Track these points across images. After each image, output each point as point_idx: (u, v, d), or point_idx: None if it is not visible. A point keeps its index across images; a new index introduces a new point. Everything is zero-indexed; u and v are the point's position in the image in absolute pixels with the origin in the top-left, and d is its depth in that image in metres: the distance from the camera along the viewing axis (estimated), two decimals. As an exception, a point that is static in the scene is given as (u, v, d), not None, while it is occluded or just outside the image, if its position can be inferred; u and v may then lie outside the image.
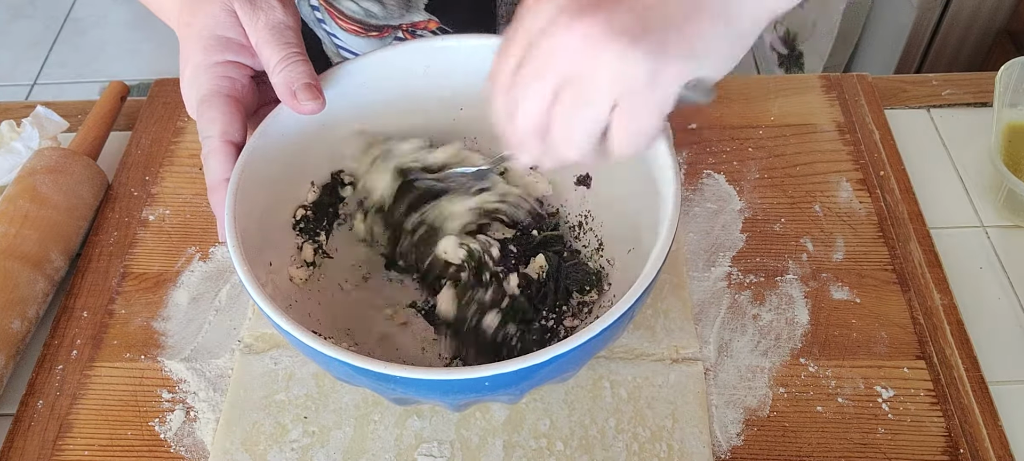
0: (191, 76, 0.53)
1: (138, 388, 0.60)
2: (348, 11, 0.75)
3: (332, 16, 0.77)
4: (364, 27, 0.75)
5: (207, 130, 0.51)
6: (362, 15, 0.74)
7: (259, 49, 0.53)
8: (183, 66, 0.53)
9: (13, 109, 0.81)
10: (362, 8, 0.73)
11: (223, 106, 0.52)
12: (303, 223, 0.59)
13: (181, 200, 0.72)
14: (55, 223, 0.66)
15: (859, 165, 0.72)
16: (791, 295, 0.64)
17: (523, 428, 0.57)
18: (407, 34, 0.75)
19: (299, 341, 0.45)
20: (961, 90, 0.79)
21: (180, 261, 0.68)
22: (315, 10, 0.78)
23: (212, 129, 0.51)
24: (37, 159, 0.70)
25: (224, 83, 0.52)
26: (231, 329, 0.63)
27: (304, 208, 0.60)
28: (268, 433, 0.57)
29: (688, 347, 0.60)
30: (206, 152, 0.52)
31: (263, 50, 0.52)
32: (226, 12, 0.52)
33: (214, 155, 0.51)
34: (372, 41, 0.77)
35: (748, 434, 0.57)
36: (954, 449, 0.55)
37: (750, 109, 0.78)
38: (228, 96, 0.52)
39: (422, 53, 0.59)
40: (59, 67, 2.38)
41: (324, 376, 0.59)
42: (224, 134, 0.51)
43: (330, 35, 0.79)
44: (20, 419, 0.59)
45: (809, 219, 0.69)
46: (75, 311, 0.65)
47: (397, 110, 0.61)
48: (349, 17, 0.75)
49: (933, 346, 0.60)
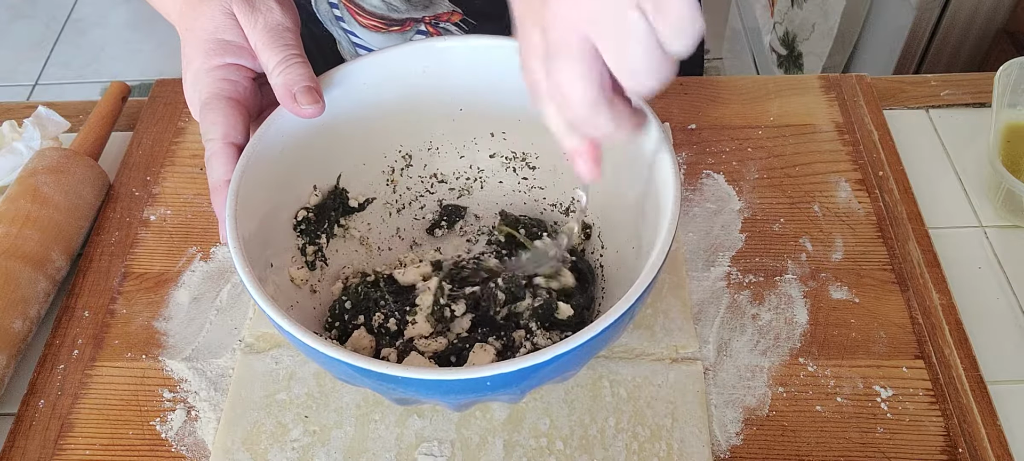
0: (193, 80, 0.53)
1: (139, 387, 0.60)
2: (370, 7, 0.74)
3: (352, 13, 0.76)
4: (386, 22, 0.75)
5: (209, 133, 0.52)
6: (384, 10, 0.74)
7: (258, 52, 0.53)
8: (185, 69, 0.54)
9: (15, 109, 0.81)
10: (385, 3, 0.73)
11: (224, 109, 0.52)
12: (304, 225, 0.59)
13: (182, 200, 0.72)
14: (56, 223, 0.66)
15: (858, 165, 0.73)
16: (790, 295, 0.64)
17: (523, 427, 0.57)
18: (430, 27, 0.75)
19: (300, 341, 0.45)
20: (960, 90, 0.79)
21: (181, 261, 0.68)
22: (334, 8, 0.78)
23: (214, 132, 0.52)
24: (38, 159, 0.70)
25: (225, 86, 0.53)
26: (232, 329, 0.63)
27: (306, 210, 0.60)
28: (269, 432, 0.57)
29: (687, 347, 0.60)
30: (209, 154, 0.52)
31: (262, 53, 0.52)
32: (225, 14, 0.52)
33: (216, 157, 0.52)
34: (393, 37, 0.77)
35: (747, 433, 0.57)
36: (953, 448, 0.56)
37: (749, 109, 0.78)
38: (229, 98, 0.52)
39: (422, 54, 0.59)
40: (60, 67, 2.38)
41: (325, 375, 0.60)
42: (226, 136, 0.51)
43: (348, 33, 0.79)
44: (21, 418, 0.59)
45: (808, 219, 0.69)
46: (76, 311, 0.65)
47: (397, 111, 0.61)
48: (370, 13, 0.75)
49: (932, 346, 0.60)
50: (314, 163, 0.60)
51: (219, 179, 0.51)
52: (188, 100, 0.54)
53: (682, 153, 0.74)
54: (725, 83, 0.81)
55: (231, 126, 0.52)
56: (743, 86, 0.80)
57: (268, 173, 0.55)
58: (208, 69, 0.52)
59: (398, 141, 0.64)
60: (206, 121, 0.52)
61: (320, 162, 0.60)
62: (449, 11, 0.74)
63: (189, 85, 0.53)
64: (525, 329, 0.56)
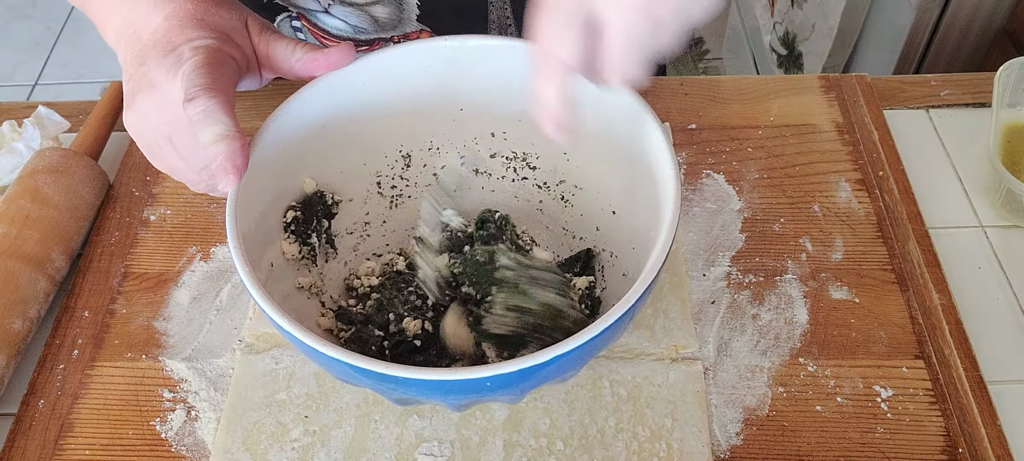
0: (177, 59, 0.50)
1: (139, 388, 0.60)
2: (335, 31, 0.74)
3: (317, 37, 0.75)
4: (354, 44, 0.74)
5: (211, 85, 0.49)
6: (351, 32, 0.73)
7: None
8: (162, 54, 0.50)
9: (14, 109, 0.81)
10: (350, 25, 0.72)
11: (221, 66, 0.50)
12: (294, 225, 0.59)
13: (182, 200, 0.72)
14: (56, 223, 0.66)
15: (858, 165, 0.73)
16: (790, 295, 0.64)
17: (523, 427, 0.57)
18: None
19: (300, 341, 0.45)
20: (960, 90, 0.79)
21: (181, 261, 0.68)
22: (297, 32, 0.77)
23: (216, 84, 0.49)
24: (38, 159, 0.70)
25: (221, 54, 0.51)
26: (232, 329, 0.63)
27: (293, 208, 0.59)
28: (269, 432, 0.57)
29: (687, 347, 0.60)
30: (206, 108, 0.48)
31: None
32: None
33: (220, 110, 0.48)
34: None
35: (747, 433, 0.57)
36: (953, 448, 0.56)
37: (749, 109, 0.78)
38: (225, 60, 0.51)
39: (422, 54, 0.59)
40: (60, 67, 2.38)
41: (325, 375, 0.60)
42: (225, 90, 0.49)
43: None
44: (21, 419, 0.59)
45: (808, 219, 0.69)
46: (76, 311, 0.65)
47: (397, 111, 0.61)
48: (336, 36, 0.74)
49: (932, 346, 0.60)
50: (314, 163, 0.60)
51: (232, 126, 0.48)
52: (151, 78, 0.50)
53: (682, 153, 0.74)
54: (725, 83, 0.81)
55: (228, 87, 0.49)
56: (743, 86, 0.80)
57: (268, 173, 0.55)
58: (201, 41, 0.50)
59: (398, 141, 0.64)
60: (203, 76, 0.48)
61: (320, 162, 0.60)
62: (417, 30, 0.74)
63: (166, 66, 0.50)
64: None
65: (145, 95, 0.50)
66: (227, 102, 0.48)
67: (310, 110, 0.57)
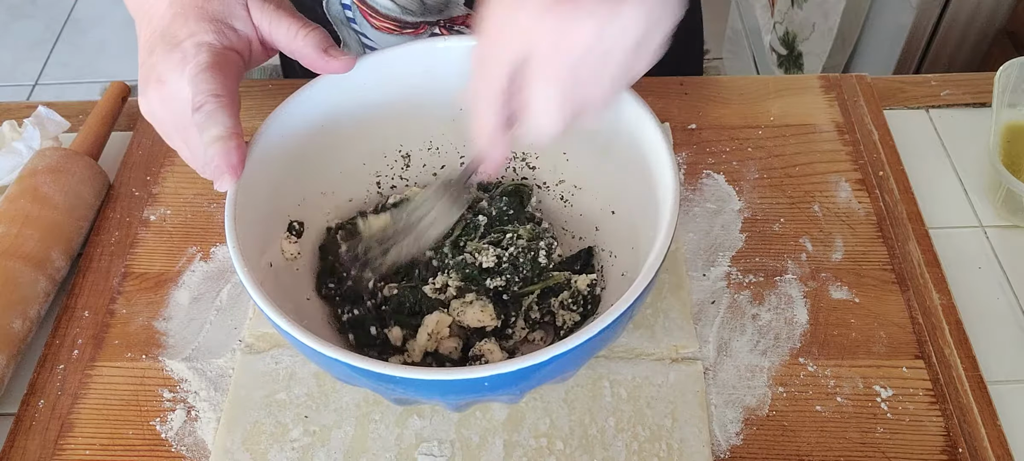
0: (182, 56, 0.52)
1: (139, 388, 0.60)
2: (384, 9, 0.74)
3: (365, 15, 0.76)
4: (400, 25, 0.74)
5: (216, 90, 0.51)
6: (398, 13, 0.73)
7: (271, 25, 0.55)
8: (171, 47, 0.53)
9: (14, 109, 0.81)
10: (399, 5, 0.72)
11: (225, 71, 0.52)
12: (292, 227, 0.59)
13: (182, 200, 0.72)
14: (56, 223, 0.66)
15: (858, 165, 0.73)
16: (790, 295, 0.64)
17: (523, 427, 0.57)
18: (444, 31, 0.74)
19: (299, 342, 0.45)
20: (960, 90, 0.79)
21: (181, 261, 0.68)
22: (346, 8, 0.77)
23: (222, 89, 0.51)
24: (38, 159, 0.70)
25: (229, 55, 0.53)
26: (232, 329, 0.63)
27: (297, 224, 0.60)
28: (269, 432, 0.57)
29: (687, 347, 0.60)
30: (211, 109, 0.50)
31: (276, 26, 0.55)
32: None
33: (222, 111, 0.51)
34: (406, 39, 0.76)
35: (747, 433, 0.57)
36: (953, 448, 0.56)
37: (749, 109, 0.78)
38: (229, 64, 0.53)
39: (422, 54, 0.59)
40: (60, 67, 2.38)
41: (325, 375, 0.60)
42: (231, 94, 0.52)
43: (359, 35, 0.78)
44: (21, 419, 0.59)
45: (808, 219, 0.69)
46: (76, 311, 0.65)
47: (397, 111, 0.61)
48: (384, 15, 0.75)
49: (932, 346, 0.60)
50: (314, 163, 0.60)
51: (231, 128, 0.50)
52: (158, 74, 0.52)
53: (682, 153, 0.74)
54: (725, 83, 0.81)
55: (232, 89, 0.52)
56: (743, 86, 0.80)
57: (268, 173, 0.55)
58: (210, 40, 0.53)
59: (398, 141, 0.64)
60: (208, 81, 0.51)
61: (320, 162, 0.60)
62: (464, 14, 0.73)
63: (172, 64, 0.52)
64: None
65: (155, 89, 0.52)
66: (230, 104, 0.50)
67: (310, 110, 0.57)
